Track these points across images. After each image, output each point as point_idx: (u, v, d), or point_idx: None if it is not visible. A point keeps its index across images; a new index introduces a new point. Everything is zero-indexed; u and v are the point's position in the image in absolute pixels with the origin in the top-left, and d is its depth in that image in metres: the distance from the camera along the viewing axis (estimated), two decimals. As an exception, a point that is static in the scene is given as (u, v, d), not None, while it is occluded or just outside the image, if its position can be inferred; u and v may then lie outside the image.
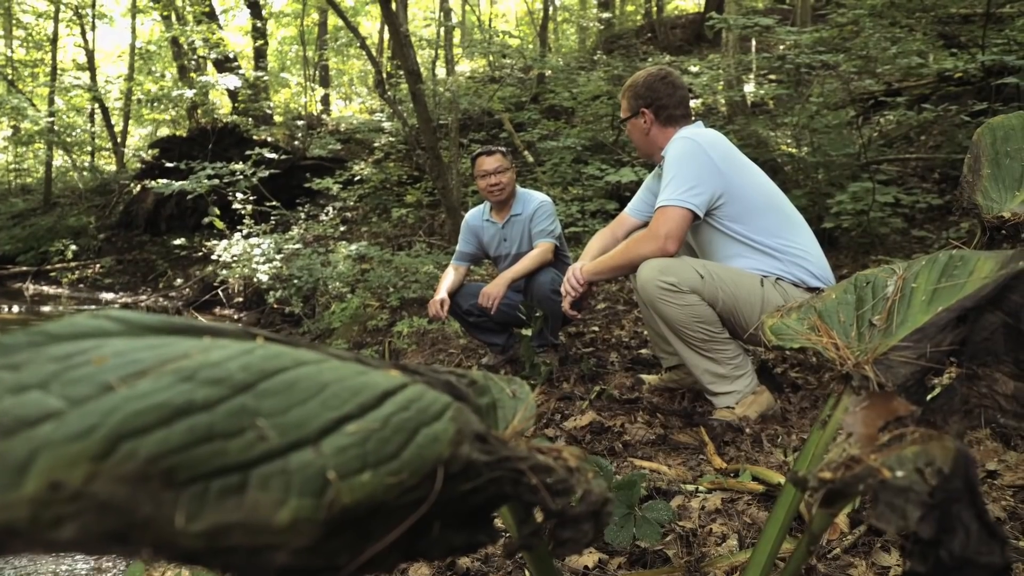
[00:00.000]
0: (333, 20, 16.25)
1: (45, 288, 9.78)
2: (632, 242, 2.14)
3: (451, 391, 0.48)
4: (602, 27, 13.50)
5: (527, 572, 1.29)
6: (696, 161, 2.06)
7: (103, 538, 0.27)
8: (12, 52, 16.27)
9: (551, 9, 13.66)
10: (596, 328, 3.70)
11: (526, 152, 7.77)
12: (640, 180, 5.32)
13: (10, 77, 15.30)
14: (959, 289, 0.70)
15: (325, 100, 14.79)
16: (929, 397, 0.70)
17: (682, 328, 2.00)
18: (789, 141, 6.07)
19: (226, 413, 0.31)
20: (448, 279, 3.15)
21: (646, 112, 2.27)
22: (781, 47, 5.91)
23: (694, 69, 7.27)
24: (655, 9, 13.56)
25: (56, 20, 14.94)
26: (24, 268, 10.35)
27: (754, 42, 8.44)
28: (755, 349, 2.57)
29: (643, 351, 3.15)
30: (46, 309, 8.02)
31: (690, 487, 1.59)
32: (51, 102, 14.26)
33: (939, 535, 0.43)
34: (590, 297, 3.37)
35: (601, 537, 0.48)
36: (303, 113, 12.83)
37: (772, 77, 7.22)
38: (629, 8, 16.36)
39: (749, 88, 7.38)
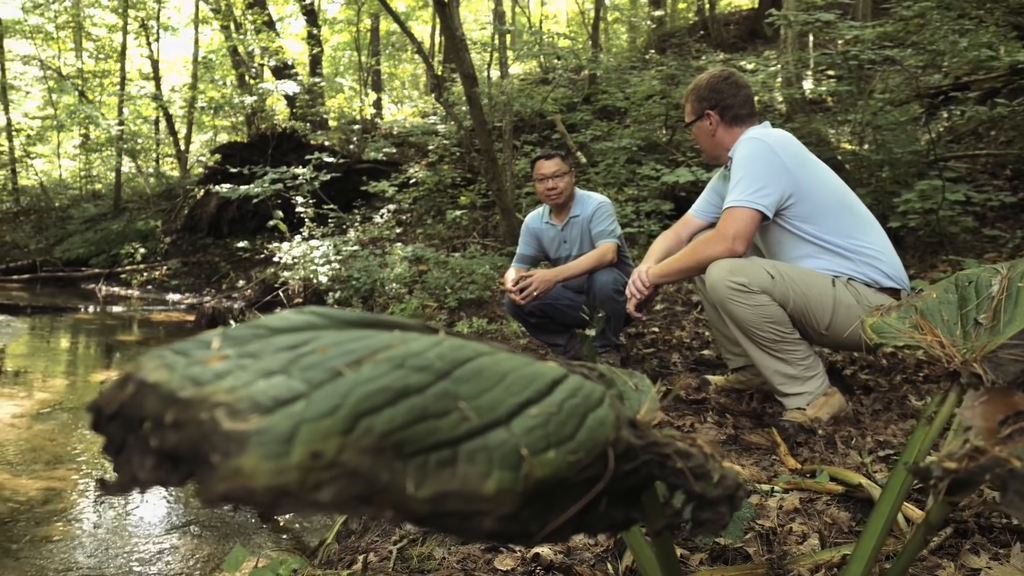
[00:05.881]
0: (384, 26, 16.56)
1: (116, 289, 10.23)
2: (700, 243, 2.14)
3: (586, 383, 0.52)
4: (654, 26, 13.40)
5: (609, 566, 1.32)
6: (764, 161, 2.06)
7: (353, 500, 0.31)
8: (83, 64, 17.05)
9: (602, 9, 13.61)
10: (656, 329, 3.70)
11: (579, 153, 7.78)
12: (696, 180, 5.28)
13: (80, 88, 16.05)
14: (1069, 288, 0.70)
15: (377, 104, 15.04)
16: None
17: (752, 329, 2.00)
18: (850, 138, 5.93)
19: (434, 396, 0.36)
20: (510, 280, 3.19)
21: (711, 114, 2.27)
22: (840, 42, 5.78)
23: (750, 67, 7.17)
24: (708, 6, 13.37)
25: (124, 32, 15.61)
26: (97, 270, 10.86)
27: (811, 38, 8.26)
28: (822, 351, 2.54)
29: (705, 352, 3.13)
30: (117, 309, 8.38)
31: (765, 487, 1.60)
32: (120, 111, 14.88)
33: (1072, 524, 0.44)
34: (654, 299, 3.37)
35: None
36: (358, 117, 13.08)
37: (831, 73, 7.06)
38: (681, 6, 16.18)
39: (808, 85, 7.24)
